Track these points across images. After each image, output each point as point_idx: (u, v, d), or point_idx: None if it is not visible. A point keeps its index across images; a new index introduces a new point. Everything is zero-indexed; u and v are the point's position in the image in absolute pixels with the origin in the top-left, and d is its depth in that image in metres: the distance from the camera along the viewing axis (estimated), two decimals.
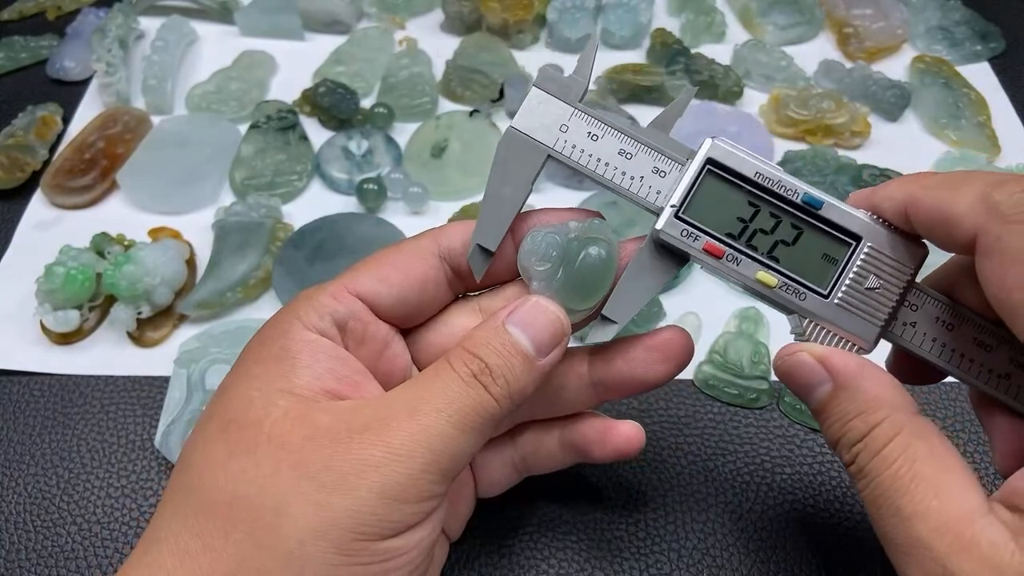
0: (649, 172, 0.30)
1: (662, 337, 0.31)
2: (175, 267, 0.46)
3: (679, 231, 0.29)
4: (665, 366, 0.31)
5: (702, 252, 0.29)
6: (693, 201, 0.29)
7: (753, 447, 0.41)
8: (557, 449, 0.33)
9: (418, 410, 0.25)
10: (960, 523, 0.23)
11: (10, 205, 0.53)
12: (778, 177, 0.29)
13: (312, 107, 0.58)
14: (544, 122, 0.30)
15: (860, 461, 0.26)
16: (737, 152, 0.29)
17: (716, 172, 0.29)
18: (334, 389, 0.27)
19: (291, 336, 0.28)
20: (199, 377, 0.42)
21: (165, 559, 0.24)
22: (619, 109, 0.56)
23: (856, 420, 0.26)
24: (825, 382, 0.27)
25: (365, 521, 0.24)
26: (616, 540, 0.38)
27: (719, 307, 0.47)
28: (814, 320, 0.29)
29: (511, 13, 0.61)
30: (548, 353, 0.28)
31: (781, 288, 0.29)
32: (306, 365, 0.27)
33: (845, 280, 0.28)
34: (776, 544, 0.38)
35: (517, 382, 0.27)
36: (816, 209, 0.29)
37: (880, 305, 0.28)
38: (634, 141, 0.30)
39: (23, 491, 0.40)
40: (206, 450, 0.26)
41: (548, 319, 0.28)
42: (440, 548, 0.33)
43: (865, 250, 0.28)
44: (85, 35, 0.62)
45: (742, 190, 0.29)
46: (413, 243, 0.30)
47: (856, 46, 0.62)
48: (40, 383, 0.44)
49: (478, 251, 0.30)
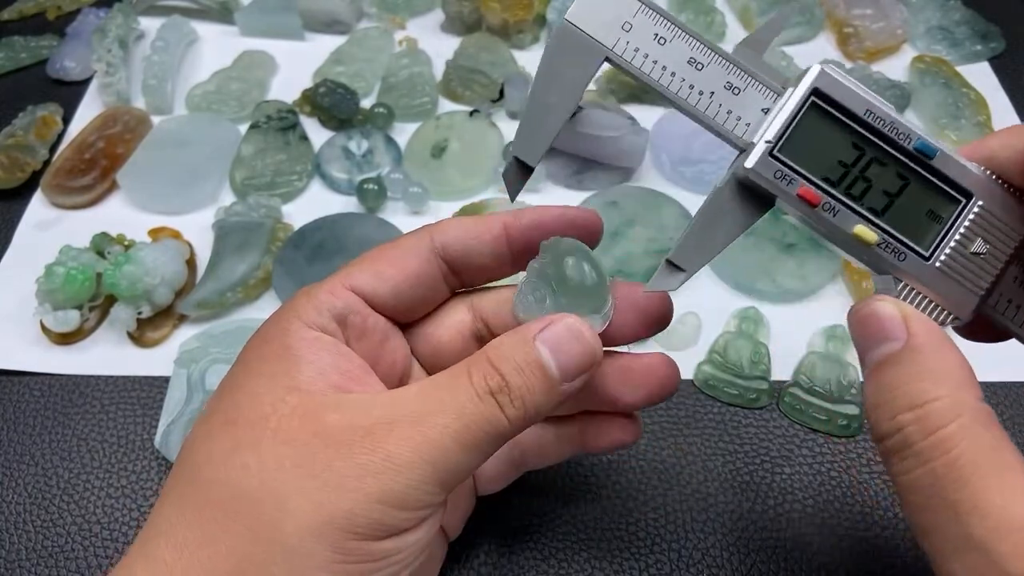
0: (721, 88, 0.26)
1: (641, 363, 0.30)
2: (175, 267, 0.46)
3: (772, 172, 0.25)
4: (635, 394, 0.30)
5: (795, 198, 0.25)
6: (791, 137, 0.25)
7: (753, 447, 0.41)
8: (556, 442, 0.33)
9: (424, 421, 0.25)
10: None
11: (10, 205, 0.53)
12: (891, 118, 0.25)
13: (312, 107, 0.58)
14: (604, 17, 0.26)
15: (907, 435, 0.23)
16: (847, 83, 0.25)
17: (820, 105, 0.26)
18: (339, 384, 0.27)
19: (292, 334, 0.28)
20: (199, 377, 0.42)
21: (164, 551, 0.24)
22: (619, 109, 0.56)
23: (914, 386, 0.23)
24: (898, 339, 0.24)
25: (360, 523, 0.24)
26: (616, 540, 0.38)
27: (719, 307, 0.47)
28: (910, 284, 0.26)
29: (511, 13, 0.61)
30: (573, 379, 0.27)
31: (880, 246, 0.25)
32: (309, 361, 0.27)
33: (951, 241, 0.25)
34: (776, 544, 0.38)
35: (534, 405, 0.26)
36: (929, 159, 0.25)
37: (984, 272, 0.25)
38: (708, 50, 0.26)
39: (23, 491, 0.40)
40: (209, 444, 0.26)
41: (582, 346, 0.26)
42: (439, 546, 0.33)
43: (975, 209, 0.25)
44: (85, 35, 0.62)
45: (848, 129, 0.26)
46: (408, 239, 0.30)
47: (856, 46, 0.62)
48: (40, 383, 0.44)
49: (515, 165, 0.27)
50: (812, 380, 0.43)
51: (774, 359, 0.44)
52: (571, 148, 0.53)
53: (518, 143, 0.26)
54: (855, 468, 0.40)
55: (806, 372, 0.43)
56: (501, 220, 0.30)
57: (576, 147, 0.53)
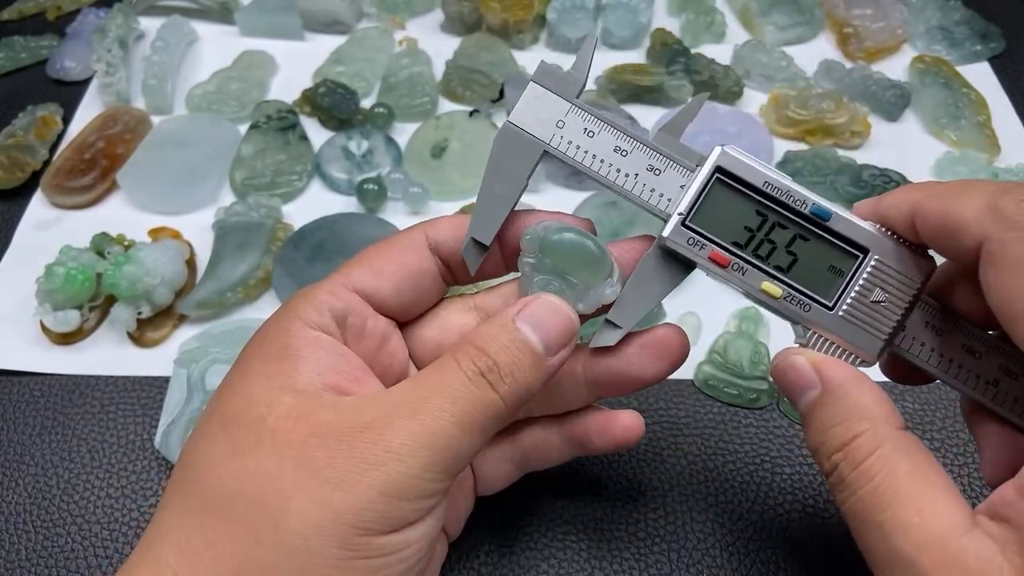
0: (644, 170, 0.29)
1: (656, 335, 0.31)
2: (175, 267, 0.46)
3: (685, 239, 0.29)
4: (659, 364, 0.31)
5: (708, 261, 0.29)
6: (700, 209, 0.29)
7: (753, 447, 0.41)
8: (558, 442, 0.33)
9: (420, 409, 0.25)
10: (944, 539, 0.23)
11: (10, 205, 0.53)
12: (787, 187, 0.29)
13: (312, 107, 0.58)
14: (541, 117, 0.30)
15: (840, 471, 0.26)
16: (746, 160, 0.29)
17: (724, 180, 0.29)
18: (336, 384, 0.27)
19: (292, 334, 0.28)
20: (199, 377, 0.42)
21: (168, 556, 0.24)
22: (619, 109, 0.56)
23: (838, 428, 0.26)
24: (814, 387, 0.27)
25: (367, 517, 0.24)
26: (616, 540, 0.38)
27: (719, 307, 0.47)
28: (817, 332, 0.28)
29: (511, 13, 0.61)
30: (557, 352, 0.28)
31: (786, 299, 0.29)
32: (308, 361, 0.27)
33: (851, 293, 0.28)
34: (776, 544, 0.38)
35: (524, 380, 0.27)
36: (824, 221, 0.28)
37: (885, 319, 0.28)
38: (630, 138, 0.29)
39: (23, 491, 0.40)
40: (208, 447, 0.26)
41: (559, 318, 0.28)
42: (440, 546, 0.33)
43: (872, 263, 0.28)
44: (85, 35, 0.62)
45: (750, 199, 0.29)
46: (404, 236, 0.31)
47: (856, 46, 0.62)
48: (40, 383, 0.44)
49: (472, 245, 0.30)
50: None
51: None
52: None
53: (474, 226, 0.30)
54: None
55: None
56: None
57: None
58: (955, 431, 0.41)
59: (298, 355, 0.27)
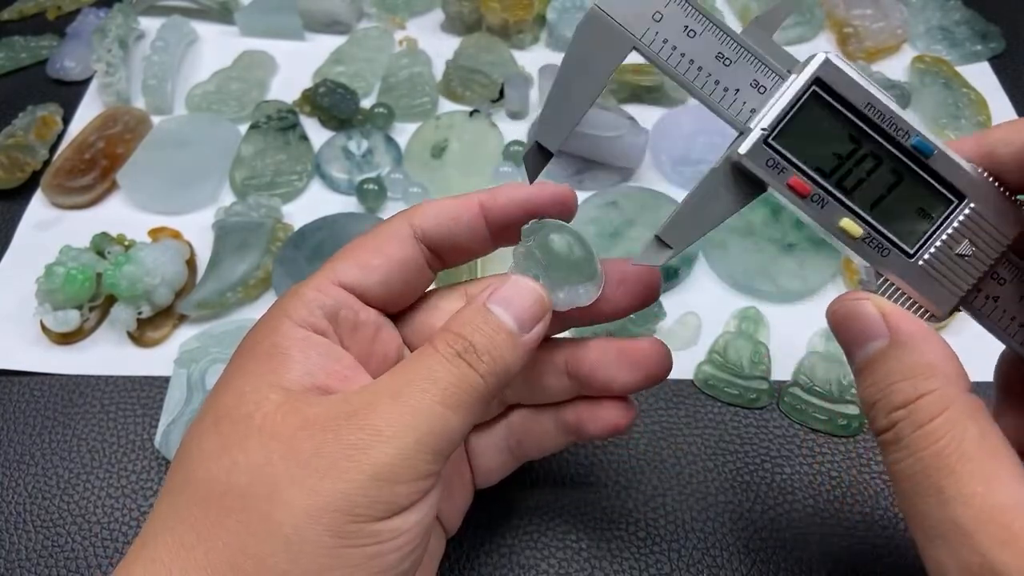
0: (747, 85, 0.26)
1: (637, 346, 0.31)
2: (175, 267, 0.46)
3: (764, 159, 0.25)
4: (631, 375, 0.31)
5: (785, 187, 0.25)
6: (787, 127, 0.25)
7: (753, 447, 0.41)
8: (552, 429, 0.34)
9: (403, 392, 0.26)
10: (1007, 514, 0.22)
11: (10, 205, 0.53)
12: (891, 112, 0.25)
13: (312, 107, 0.58)
14: (634, 7, 0.25)
15: (900, 430, 0.24)
16: (852, 74, 0.25)
17: (821, 96, 0.25)
18: (324, 384, 0.27)
19: (281, 333, 0.28)
20: (199, 377, 0.42)
21: (161, 552, 0.24)
22: (619, 109, 0.56)
23: (904, 383, 0.24)
24: (881, 337, 0.25)
25: (358, 503, 0.24)
26: (616, 540, 0.38)
27: (719, 307, 0.47)
28: (891, 279, 0.26)
29: (511, 13, 0.61)
30: (531, 329, 0.28)
31: (865, 240, 0.25)
32: (297, 361, 0.27)
33: (936, 241, 0.25)
34: (776, 544, 0.38)
35: (502, 358, 0.27)
36: (925, 157, 0.25)
37: (966, 274, 0.25)
38: (737, 45, 0.26)
39: (23, 491, 0.40)
40: (199, 444, 0.26)
41: (529, 295, 0.28)
42: (437, 541, 0.33)
43: (966, 211, 0.25)
44: (85, 35, 0.62)
45: (846, 121, 0.25)
46: (387, 226, 0.31)
47: (856, 46, 0.62)
48: (40, 383, 0.44)
49: (536, 150, 0.27)
50: (812, 380, 0.43)
51: (774, 359, 0.44)
52: (571, 148, 0.53)
53: (540, 128, 0.27)
54: (855, 468, 0.40)
55: (806, 372, 0.43)
56: (477, 199, 0.30)
57: (576, 147, 0.53)
58: None
59: (287, 354, 0.27)
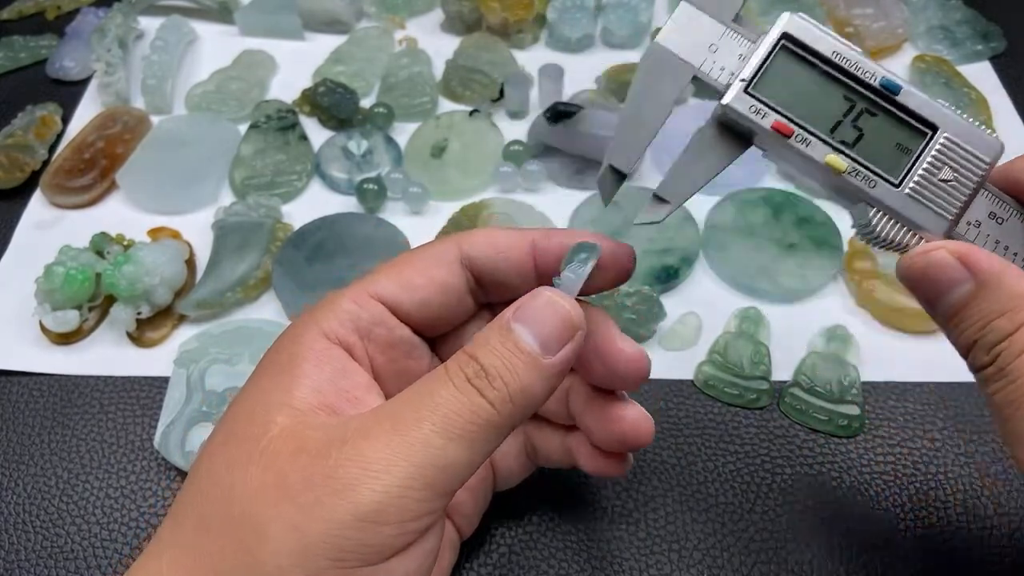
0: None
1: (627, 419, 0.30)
2: (175, 267, 0.46)
3: (747, 106, 0.27)
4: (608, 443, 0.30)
5: (770, 131, 0.27)
6: (764, 77, 0.27)
7: (753, 447, 0.41)
8: (558, 447, 0.33)
9: (401, 420, 0.24)
10: None
11: (10, 205, 0.53)
12: (856, 58, 0.27)
13: (312, 107, 0.58)
14: (692, 39, 0.28)
15: (1003, 360, 0.24)
16: (814, 28, 0.28)
17: (790, 49, 0.27)
18: (333, 403, 0.26)
19: (303, 342, 0.27)
20: (199, 377, 0.42)
21: (162, 565, 0.24)
22: (619, 109, 0.56)
23: (1001, 320, 0.24)
24: (966, 281, 0.25)
25: (342, 546, 0.23)
26: (616, 540, 0.38)
27: (719, 307, 0.46)
28: (882, 209, 0.27)
29: (511, 13, 0.61)
30: (557, 351, 0.26)
31: (851, 174, 0.27)
32: (309, 376, 0.26)
33: (918, 170, 0.27)
34: (776, 544, 0.38)
35: (518, 383, 0.25)
36: (894, 94, 0.27)
37: (951, 198, 0.27)
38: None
39: (23, 491, 0.40)
40: (209, 463, 0.26)
41: (557, 313, 0.26)
42: (451, 550, 0.33)
43: (941, 140, 0.27)
44: (85, 35, 0.62)
45: (816, 69, 0.27)
46: (436, 248, 0.29)
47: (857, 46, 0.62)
48: (40, 383, 0.44)
49: (610, 173, 0.28)
50: (813, 380, 0.43)
51: (774, 359, 0.44)
52: (572, 148, 0.53)
53: (614, 153, 0.28)
54: (855, 468, 0.40)
55: (807, 372, 0.43)
56: (531, 238, 0.29)
57: (577, 147, 0.53)
58: (955, 431, 0.41)
59: (301, 367, 0.27)
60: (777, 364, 0.44)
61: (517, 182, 0.53)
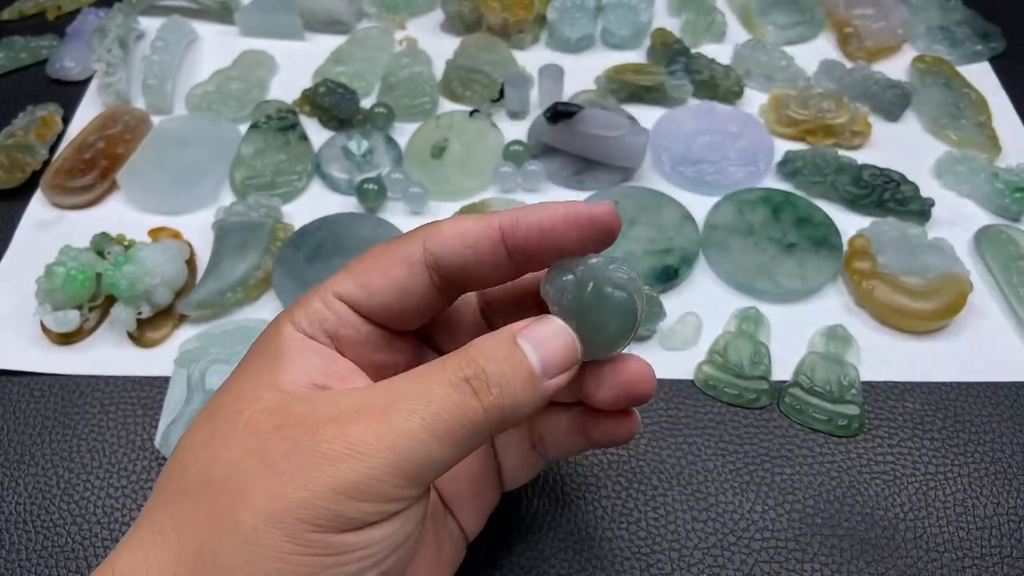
0: None
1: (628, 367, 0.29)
2: (175, 267, 0.46)
3: None
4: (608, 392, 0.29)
5: None
6: None
7: (753, 447, 0.41)
8: (566, 428, 0.32)
9: (392, 408, 0.24)
10: None
11: (10, 205, 0.53)
12: None
13: (312, 107, 0.58)
14: None
15: None
16: None
17: None
18: (322, 383, 0.27)
19: (284, 336, 0.28)
20: (199, 377, 0.42)
21: (145, 536, 0.25)
22: (619, 109, 0.56)
23: None
24: None
25: (318, 514, 0.23)
26: (616, 540, 0.38)
27: (719, 307, 0.47)
28: None
29: (511, 13, 0.61)
30: (555, 376, 0.26)
31: None
32: (295, 363, 0.27)
33: None
34: (776, 544, 0.38)
35: (513, 396, 0.25)
36: None
37: None
38: None
39: (23, 491, 0.40)
40: (191, 437, 0.27)
41: (562, 343, 0.27)
42: (455, 548, 0.33)
43: None
44: (85, 35, 0.62)
45: None
46: (400, 246, 0.29)
47: (856, 46, 0.62)
48: (40, 383, 0.44)
49: None
50: (812, 380, 0.43)
51: (774, 359, 0.44)
52: (571, 148, 0.53)
53: None
54: (855, 468, 0.40)
55: (806, 372, 0.43)
56: (497, 223, 0.28)
57: (576, 147, 0.53)
58: (955, 431, 0.41)
59: (287, 356, 0.27)
60: (777, 364, 0.44)
61: (517, 182, 0.53)
